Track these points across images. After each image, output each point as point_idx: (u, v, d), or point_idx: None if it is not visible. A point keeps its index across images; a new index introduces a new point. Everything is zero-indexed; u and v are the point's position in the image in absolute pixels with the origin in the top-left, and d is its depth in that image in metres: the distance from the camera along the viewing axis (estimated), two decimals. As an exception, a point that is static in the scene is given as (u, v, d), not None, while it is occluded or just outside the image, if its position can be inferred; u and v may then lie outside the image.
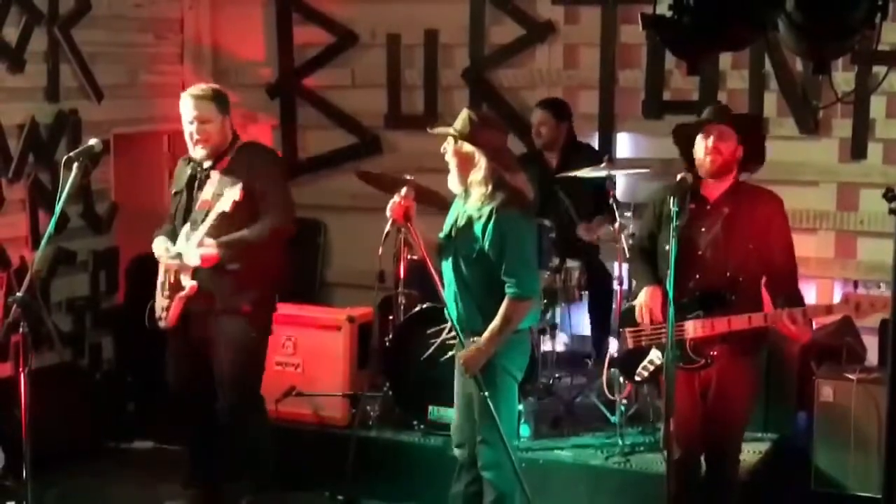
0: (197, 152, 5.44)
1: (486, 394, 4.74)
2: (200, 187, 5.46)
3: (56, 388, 6.39)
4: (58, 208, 4.68)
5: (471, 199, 4.87)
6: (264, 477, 5.69)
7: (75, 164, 4.67)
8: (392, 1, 7.80)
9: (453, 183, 4.93)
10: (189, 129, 5.43)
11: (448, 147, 4.91)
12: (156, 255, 5.54)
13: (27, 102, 6.83)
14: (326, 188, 8.08)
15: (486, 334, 4.81)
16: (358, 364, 6.36)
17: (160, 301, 5.56)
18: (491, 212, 4.79)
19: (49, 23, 6.90)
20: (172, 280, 5.46)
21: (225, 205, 5.24)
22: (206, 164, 5.46)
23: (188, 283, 5.39)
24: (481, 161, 4.81)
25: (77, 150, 4.81)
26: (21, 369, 4.45)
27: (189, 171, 5.53)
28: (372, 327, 6.34)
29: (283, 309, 6.61)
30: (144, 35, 7.78)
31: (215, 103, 5.44)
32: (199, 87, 5.54)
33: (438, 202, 5.46)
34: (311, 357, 6.36)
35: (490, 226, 4.78)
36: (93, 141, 4.86)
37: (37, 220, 6.82)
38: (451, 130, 4.89)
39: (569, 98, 7.27)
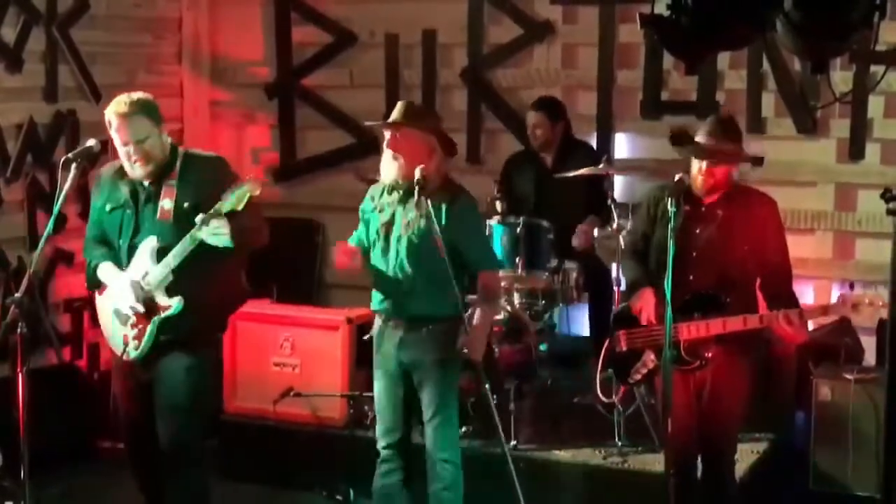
0: (137, 172, 4.84)
1: (487, 385, 4.74)
2: (152, 200, 4.87)
3: (54, 389, 6.39)
4: (56, 208, 4.69)
5: (422, 189, 4.81)
6: None
7: (73, 165, 4.67)
8: (390, 1, 7.80)
9: (392, 172, 4.93)
10: (124, 149, 4.82)
11: (389, 134, 4.94)
12: (117, 287, 4.89)
13: (25, 102, 6.84)
14: (325, 188, 8.08)
15: (478, 316, 4.83)
16: (356, 364, 6.36)
17: (122, 331, 4.94)
18: (454, 200, 4.88)
19: (47, 22, 6.90)
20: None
21: (236, 203, 4.70)
22: (148, 182, 4.88)
23: (171, 300, 4.81)
24: (433, 143, 4.90)
25: (75, 151, 4.80)
26: (19, 369, 4.45)
27: (127, 187, 4.91)
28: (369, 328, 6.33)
29: (281, 309, 6.64)
30: (143, 35, 7.77)
31: (148, 116, 4.81)
32: (123, 102, 4.80)
33: None
34: (309, 357, 6.35)
35: (458, 213, 4.85)
36: (91, 141, 4.84)
37: (35, 220, 6.83)
38: (395, 117, 4.93)
39: (567, 98, 7.26)
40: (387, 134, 4.99)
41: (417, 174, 4.81)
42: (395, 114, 4.96)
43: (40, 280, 6.74)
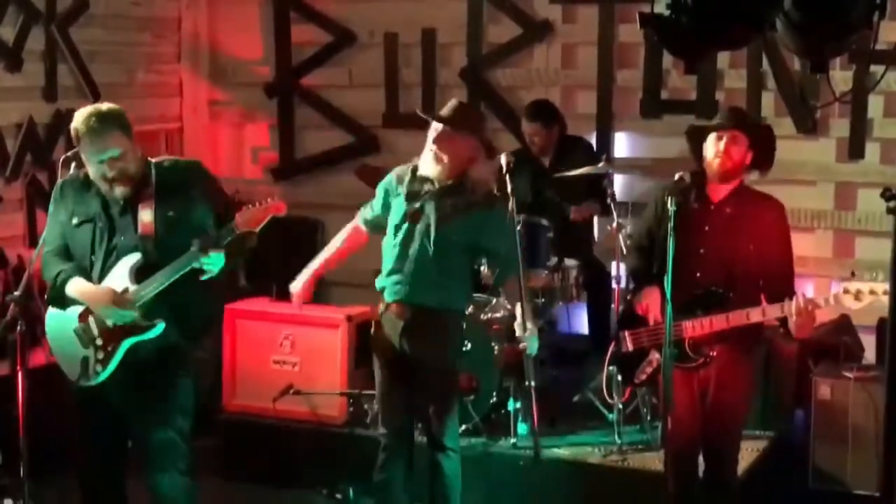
0: (115, 191, 4.47)
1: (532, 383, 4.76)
2: (129, 211, 4.51)
3: (53, 387, 6.37)
4: (55, 207, 4.69)
5: (467, 191, 4.90)
6: None
7: (73, 164, 4.67)
8: (390, 0, 7.80)
9: (434, 170, 4.91)
10: (100, 169, 4.44)
11: (438, 131, 4.89)
12: (94, 298, 4.49)
13: (24, 102, 6.85)
14: (324, 187, 8.09)
15: (530, 312, 4.87)
16: (356, 362, 6.36)
17: (81, 353, 4.58)
18: (500, 209, 4.88)
19: (46, 22, 6.91)
20: (111, 323, 4.51)
21: (255, 225, 4.53)
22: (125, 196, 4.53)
23: (152, 321, 4.47)
24: (477, 147, 4.91)
25: (74, 150, 4.77)
26: (18, 368, 4.46)
27: (97, 199, 4.54)
28: (370, 325, 6.33)
29: (281, 307, 6.63)
30: (142, 34, 7.78)
31: (121, 129, 4.46)
32: (93, 117, 4.42)
33: None
34: (309, 355, 6.35)
35: (503, 223, 4.86)
36: (90, 140, 4.84)
37: (34, 219, 6.84)
38: (447, 117, 4.90)
39: (566, 97, 7.28)
40: (432, 130, 4.92)
41: (441, 173, 4.88)
42: (448, 113, 4.93)
43: (39, 278, 6.73)
